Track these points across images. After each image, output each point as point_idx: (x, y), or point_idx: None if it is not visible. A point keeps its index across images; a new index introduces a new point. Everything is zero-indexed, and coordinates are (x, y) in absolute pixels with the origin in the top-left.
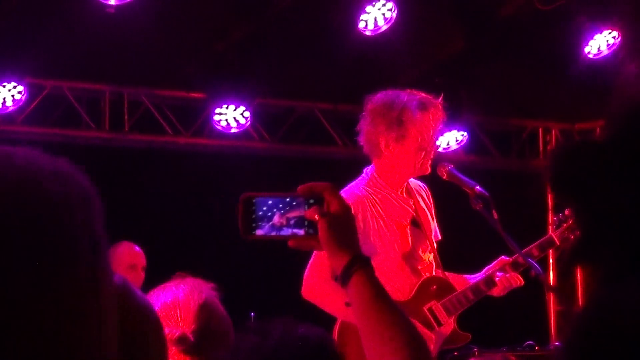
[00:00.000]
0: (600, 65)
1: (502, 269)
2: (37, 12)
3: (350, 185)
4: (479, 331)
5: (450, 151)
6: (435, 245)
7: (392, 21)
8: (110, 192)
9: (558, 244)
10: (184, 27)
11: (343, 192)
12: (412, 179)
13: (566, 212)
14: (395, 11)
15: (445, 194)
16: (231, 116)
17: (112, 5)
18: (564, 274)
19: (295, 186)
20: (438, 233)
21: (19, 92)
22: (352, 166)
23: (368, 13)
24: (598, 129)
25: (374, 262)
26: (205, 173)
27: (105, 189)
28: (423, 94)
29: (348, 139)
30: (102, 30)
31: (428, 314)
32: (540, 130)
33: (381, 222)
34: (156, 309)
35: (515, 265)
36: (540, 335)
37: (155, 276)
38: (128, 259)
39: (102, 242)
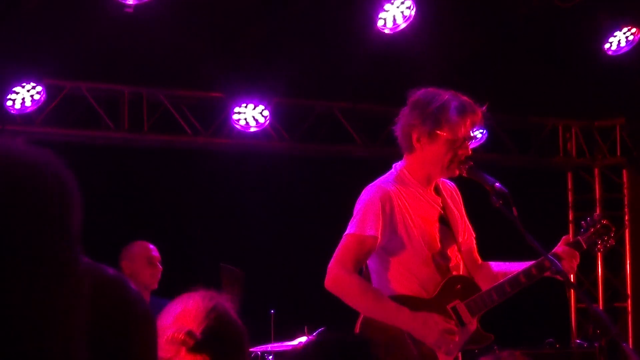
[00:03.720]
0: (619, 62)
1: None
2: (55, 13)
3: (379, 179)
4: (500, 329)
5: (470, 149)
6: (473, 242)
7: (411, 19)
8: (130, 192)
9: (585, 247)
10: (203, 26)
11: (371, 186)
12: (443, 179)
13: (595, 216)
14: (414, 9)
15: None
16: (250, 115)
17: (131, 4)
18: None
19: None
20: (472, 231)
21: (38, 93)
22: (371, 165)
23: (387, 11)
24: (617, 126)
25: (400, 257)
26: (225, 172)
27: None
28: (465, 98)
29: (367, 137)
30: (121, 30)
31: (452, 313)
32: (560, 127)
33: (408, 218)
34: (170, 321)
35: (540, 268)
36: (561, 333)
37: (174, 273)
38: (145, 255)
39: (74, 236)
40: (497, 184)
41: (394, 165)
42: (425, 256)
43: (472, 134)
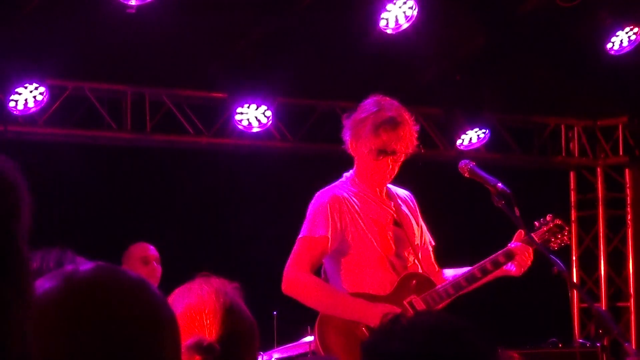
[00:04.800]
0: (622, 62)
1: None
2: (57, 13)
3: (329, 186)
4: (502, 329)
5: (472, 148)
6: (429, 248)
7: (413, 19)
8: (132, 192)
9: (539, 243)
10: (205, 26)
11: (321, 191)
12: (396, 188)
13: (548, 217)
14: (416, 9)
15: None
16: (253, 116)
17: (133, 5)
18: None
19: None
20: (431, 239)
21: (41, 94)
22: None
23: (389, 11)
24: (620, 125)
25: (354, 258)
26: (227, 173)
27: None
28: (391, 114)
29: None
30: (123, 30)
31: (409, 307)
32: (563, 127)
33: (360, 221)
34: (180, 310)
35: (495, 263)
36: (564, 333)
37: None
38: (139, 253)
39: (18, 238)
40: (499, 184)
41: (343, 174)
42: (378, 256)
43: (393, 149)
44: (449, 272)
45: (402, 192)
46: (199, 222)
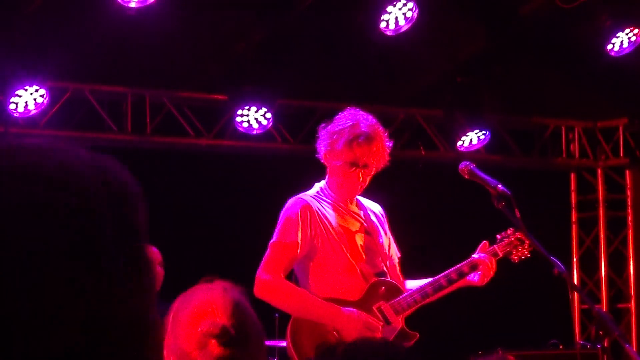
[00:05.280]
0: (622, 63)
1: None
2: (58, 15)
3: (301, 193)
4: (503, 330)
5: (473, 150)
6: (395, 260)
7: (413, 21)
8: None
9: (501, 256)
10: (205, 28)
11: (292, 199)
12: (366, 200)
13: (509, 230)
14: (416, 11)
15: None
16: (253, 117)
17: (133, 7)
18: None
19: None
20: (397, 250)
21: (41, 96)
22: None
23: (389, 13)
24: (620, 127)
25: (324, 265)
26: (228, 174)
27: None
28: (367, 129)
29: None
30: (123, 32)
31: (377, 312)
32: (563, 128)
33: (330, 228)
34: (189, 309)
35: (459, 273)
36: (565, 334)
37: (178, 278)
38: None
39: (138, 240)
40: (499, 186)
41: (315, 184)
42: (348, 263)
43: (365, 162)
44: (411, 284)
45: (372, 204)
46: (200, 224)
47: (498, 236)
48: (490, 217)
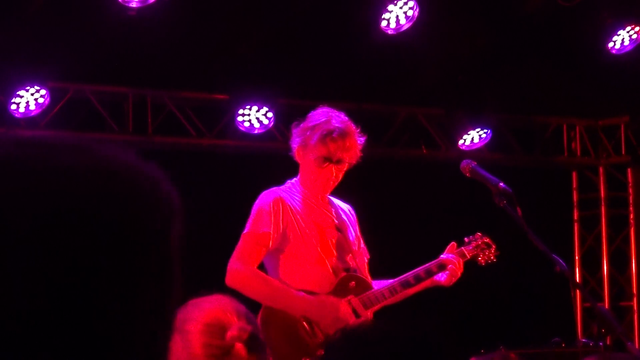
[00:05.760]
0: (623, 61)
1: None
2: (58, 16)
3: (273, 187)
4: (506, 328)
5: (474, 149)
6: (365, 260)
7: (414, 19)
8: None
9: (469, 258)
10: (206, 28)
11: (264, 191)
12: (337, 199)
13: (477, 235)
14: (417, 9)
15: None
16: (254, 117)
17: (134, 7)
18: None
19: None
20: (366, 252)
21: (42, 96)
22: (377, 165)
23: (390, 11)
24: (622, 124)
25: (295, 257)
26: (229, 174)
27: None
28: (340, 125)
29: (371, 138)
30: (124, 32)
31: (347, 305)
32: (565, 126)
33: (301, 221)
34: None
35: (428, 272)
36: (567, 332)
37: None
38: None
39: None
40: (501, 184)
41: (287, 181)
42: (318, 257)
43: (339, 158)
44: (380, 284)
45: (343, 204)
46: (201, 223)
47: (466, 239)
48: (490, 216)
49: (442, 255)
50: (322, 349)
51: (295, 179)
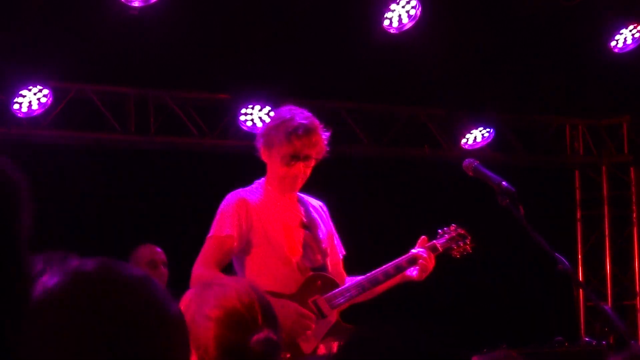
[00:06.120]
0: (626, 60)
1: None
2: (60, 15)
3: (239, 189)
4: (509, 328)
5: (477, 148)
6: (339, 257)
7: (417, 19)
8: (137, 194)
9: (441, 251)
10: (208, 28)
11: (230, 194)
12: (308, 196)
13: (451, 226)
14: (419, 8)
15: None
16: (257, 116)
17: (136, 6)
18: None
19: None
20: (342, 249)
21: (45, 96)
22: (378, 164)
23: (392, 11)
24: (624, 124)
25: (261, 258)
26: (232, 173)
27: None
28: (305, 121)
29: (373, 137)
30: (126, 32)
31: (313, 306)
32: (567, 126)
33: (266, 222)
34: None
35: (397, 268)
36: (570, 331)
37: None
38: (146, 256)
39: (25, 237)
40: (503, 183)
41: (255, 181)
42: (285, 257)
43: (306, 154)
44: (349, 279)
45: (314, 201)
46: (204, 223)
47: (440, 231)
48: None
49: (412, 250)
50: (288, 352)
51: (262, 178)
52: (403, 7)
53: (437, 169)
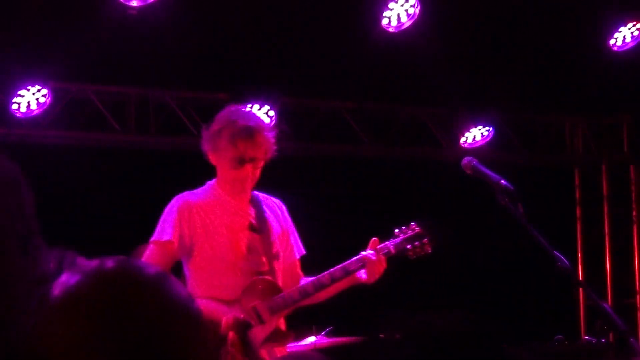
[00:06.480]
0: (625, 58)
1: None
2: (60, 15)
3: (185, 192)
4: (509, 326)
5: (476, 147)
6: (294, 258)
7: (416, 17)
8: (137, 194)
9: (394, 253)
10: (207, 28)
11: (175, 198)
12: (265, 196)
13: (411, 225)
14: (419, 7)
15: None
16: None
17: (135, 6)
18: None
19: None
20: (301, 248)
21: (44, 96)
22: (378, 164)
23: (391, 10)
24: (624, 122)
25: (205, 263)
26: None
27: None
28: (248, 123)
29: (373, 136)
30: (125, 32)
31: (252, 312)
32: (567, 124)
33: (210, 226)
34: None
35: (345, 271)
36: (570, 330)
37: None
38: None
39: (32, 228)
40: (502, 181)
41: (207, 182)
42: (229, 262)
43: (252, 156)
44: (305, 279)
45: (271, 200)
46: None
47: (396, 230)
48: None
49: (362, 252)
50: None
51: (213, 180)
52: (402, 5)
53: (437, 168)
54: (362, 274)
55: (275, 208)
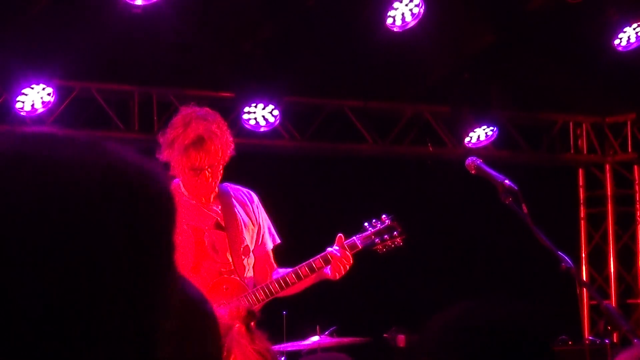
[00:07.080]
0: (629, 58)
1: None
2: (64, 14)
3: None
4: None
5: (481, 146)
6: (266, 249)
7: (420, 17)
8: None
9: (361, 248)
10: (211, 26)
11: None
12: (236, 188)
13: (382, 218)
14: (423, 7)
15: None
16: (260, 115)
17: (139, 5)
18: None
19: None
20: (275, 238)
21: (48, 94)
22: (382, 163)
23: (396, 9)
24: (629, 122)
25: None
26: (234, 172)
27: None
28: (200, 129)
29: (377, 135)
30: (130, 31)
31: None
32: (571, 124)
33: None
34: None
35: (310, 268)
36: (573, 330)
37: None
38: None
39: (174, 245)
40: (506, 181)
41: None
42: (193, 263)
43: (206, 165)
44: (277, 272)
45: (242, 193)
46: None
47: (366, 224)
48: (493, 214)
49: (328, 248)
50: None
51: (177, 180)
52: (406, 5)
53: (441, 167)
54: (328, 270)
55: (245, 200)
